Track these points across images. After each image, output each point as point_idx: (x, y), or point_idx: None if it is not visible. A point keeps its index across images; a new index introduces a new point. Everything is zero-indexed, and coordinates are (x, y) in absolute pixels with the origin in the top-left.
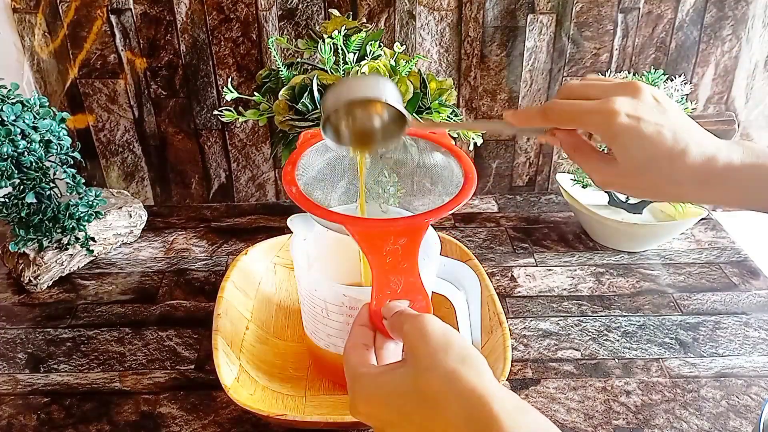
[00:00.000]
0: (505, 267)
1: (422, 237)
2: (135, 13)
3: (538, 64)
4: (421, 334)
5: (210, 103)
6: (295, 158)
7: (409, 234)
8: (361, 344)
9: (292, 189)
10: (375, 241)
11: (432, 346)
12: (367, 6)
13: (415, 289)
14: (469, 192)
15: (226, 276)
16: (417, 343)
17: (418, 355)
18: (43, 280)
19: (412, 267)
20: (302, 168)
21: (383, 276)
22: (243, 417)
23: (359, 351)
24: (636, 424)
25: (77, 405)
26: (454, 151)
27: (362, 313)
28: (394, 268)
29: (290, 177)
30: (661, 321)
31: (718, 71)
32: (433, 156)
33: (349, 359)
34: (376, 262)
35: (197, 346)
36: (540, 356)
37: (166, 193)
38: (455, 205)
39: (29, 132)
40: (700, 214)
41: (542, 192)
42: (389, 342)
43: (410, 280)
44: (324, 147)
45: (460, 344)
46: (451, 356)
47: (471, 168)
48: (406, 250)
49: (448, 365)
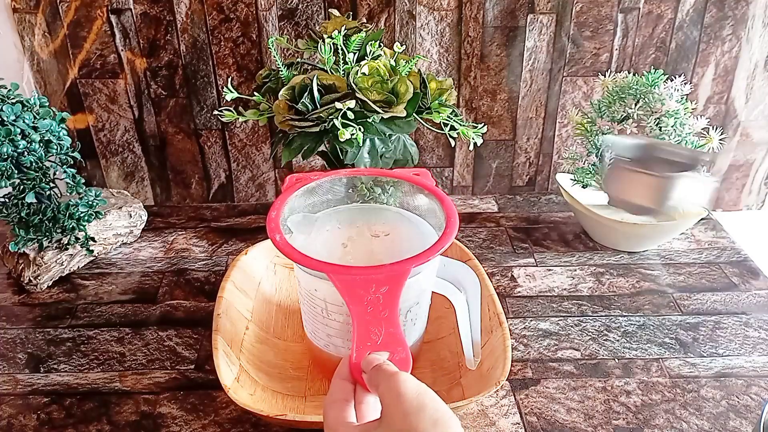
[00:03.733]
0: (505, 267)
1: (403, 285)
2: (135, 13)
3: (538, 64)
4: (396, 395)
5: (210, 103)
6: (279, 204)
7: (390, 282)
8: (340, 399)
9: (276, 237)
10: (357, 290)
11: (405, 407)
12: (367, 6)
13: (394, 340)
14: (451, 236)
15: (226, 276)
16: (391, 405)
17: (392, 418)
18: (43, 280)
19: (393, 316)
20: (287, 212)
21: (364, 326)
22: (243, 417)
23: (338, 406)
24: (636, 424)
25: (77, 405)
26: (436, 194)
27: (342, 366)
28: (374, 317)
29: (274, 224)
30: (661, 321)
31: (718, 71)
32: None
33: (328, 415)
34: (357, 312)
35: (197, 346)
36: (540, 356)
37: (166, 193)
38: (437, 250)
39: (29, 132)
40: (700, 214)
41: (542, 192)
42: (369, 396)
43: (390, 331)
44: (308, 191)
45: (433, 405)
46: (423, 420)
47: (453, 211)
48: (387, 299)
49: (419, 429)
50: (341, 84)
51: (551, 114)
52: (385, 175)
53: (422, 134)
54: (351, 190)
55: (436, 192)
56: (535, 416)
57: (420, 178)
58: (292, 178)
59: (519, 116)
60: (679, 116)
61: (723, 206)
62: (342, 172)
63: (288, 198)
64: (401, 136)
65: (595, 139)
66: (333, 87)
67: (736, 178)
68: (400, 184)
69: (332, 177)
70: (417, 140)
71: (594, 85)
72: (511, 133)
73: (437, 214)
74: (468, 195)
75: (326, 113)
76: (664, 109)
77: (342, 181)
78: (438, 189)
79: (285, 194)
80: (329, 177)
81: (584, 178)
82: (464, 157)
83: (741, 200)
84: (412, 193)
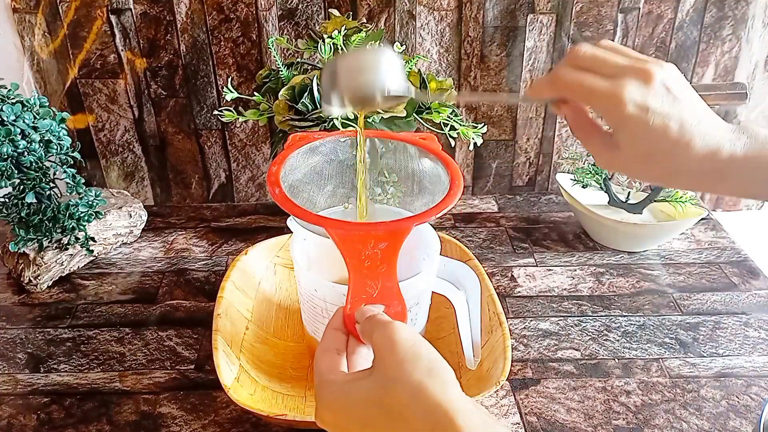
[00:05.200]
0: (505, 267)
1: (403, 241)
2: (135, 13)
3: (538, 64)
4: (390, 343)
5: (210, 103)
6: (281, 159)
7: (390, 238)
8: (332, 348)
9: (275, 190)
10: (355, 245)
11: (400, 356)
12: (367, 6)
13: (391, 294)
14: (455, 198)
15: (226, 276)
16: (385, 353)
17: (386, 365)
18: (43, 280)
19: (391, 271)
20: (288, 169)
21: (360, 279)
22: (243, 417)
23: (330, 356)
24: (636, 424)
25: (77, 405)
26: (441, 157)
27: (336, 316)
28: (372, 271)
29: (275, 178)
30: (661, 321)
31: (718, 71)
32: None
33: (318, 364)
34: (354, 266)
35: (197, 346)
36: (540, 356)
37: (166, 193)
38: (440, 210)
39: (29, 132)
40: (700, 214)
41: (542, 192)
42: (361, 347)
43: (387, 285)
44: (311, 150)
45: (428, 355)
46: (418, 368)
47: (457, 173)
48: (386, 255)
49: (414, 377)
50: None
51: (551, 114)
52: (390, 137)
53: None
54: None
55: (442, 155)
56: (535, 416)
57: (426, 142)
58: (295, 137)
59: (519, 116)
60: None
61: (723, 206)
62: (346, 132)
63: (290, 155)
64: None
65: None
66: None
67: None
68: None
69: (335, 137)
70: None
71: None
72: (511, 133)
73: (442, 179)
74: (468, 195)
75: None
76: None
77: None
78: (443, 152)
79: (287, 151)
80: (332, 137)
81: (584, 178)
82: (464, 157)
83: (741, 200)
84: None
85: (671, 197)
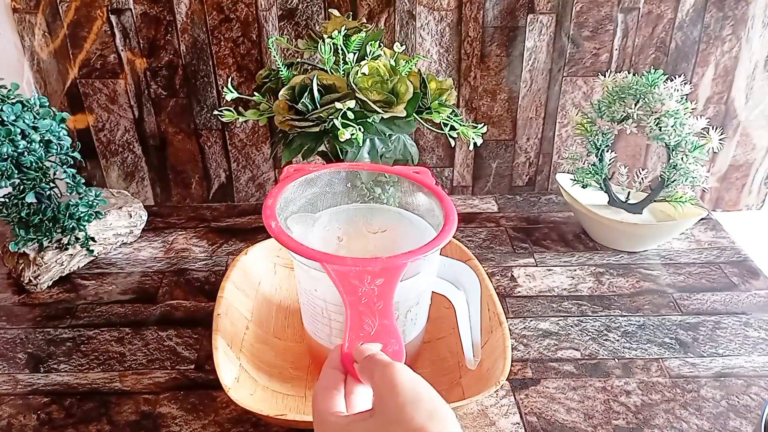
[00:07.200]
0: (505, 267)
1: (399, 278)
2: (135, 13)
3: (538, 64)
4: (391, 385)
5: (210, 103)
6: (276, 192)
7: (386, 275)
8: (331, 388)
9: (272, 224)
10: (351, 281)
11: (401, 398)
12: (367, 6)
13: (388, 332)
14: (449, 233)
15: (226, 276)
16: (386, 395)
17: (387, 408)
18: (43, 280)
19: (387, 309)
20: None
21: (357, 317)
22: (243, 417)
23: (329, 394)
24: (636, 424)
25: (77, 405)
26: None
27: (333, 355)
28: (369, 309)
29: (270, 212)
30: (661, 321)
31: (718, 71)
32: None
33: (317, 402)
34: (352, 303)
35: (197, 346)
36: (540, 356)
37: (166, 193)
38: (434, 246)
39: (29, 132)
40: (700, 214)
41: (542, 192)
42: (359, 387)
43: (384, 323)
44: (306, 182)
45: (429, 398)
46: (420, 411)
47: (452, 210)
48: (383, 291)
49: (415, 421)
50: (341, 84)
51: (551, 114)
52: (384, 171)
53: (422, 134)
54: (351, 189)
55: (435, 190)
56: (535, 416)
57: (420, 176)
58: (289, 168)
59: (519, 116)
60: (679, 116)
61: (723, 206)
62: (341, 165)
63: (285, 187)
64: (401, 136)
65: (595, 139)
66: (333, 87)
67: (736, 178)
68: (399, 183)
69: (331, 170)
70: (417, 140)
71: (594, 85)
72: (511, 133)
73: (436, 213)
74: (468, 195)
75: (326, 113)
76: (664, 109)
77: (341, 174)
78: (437, 187)
79: (282, 183)
80: (328, 170)
81: (584, 178)
82: (464, 157)
83: (741, 200)
84: (411, 191)
85: (671, 197)
